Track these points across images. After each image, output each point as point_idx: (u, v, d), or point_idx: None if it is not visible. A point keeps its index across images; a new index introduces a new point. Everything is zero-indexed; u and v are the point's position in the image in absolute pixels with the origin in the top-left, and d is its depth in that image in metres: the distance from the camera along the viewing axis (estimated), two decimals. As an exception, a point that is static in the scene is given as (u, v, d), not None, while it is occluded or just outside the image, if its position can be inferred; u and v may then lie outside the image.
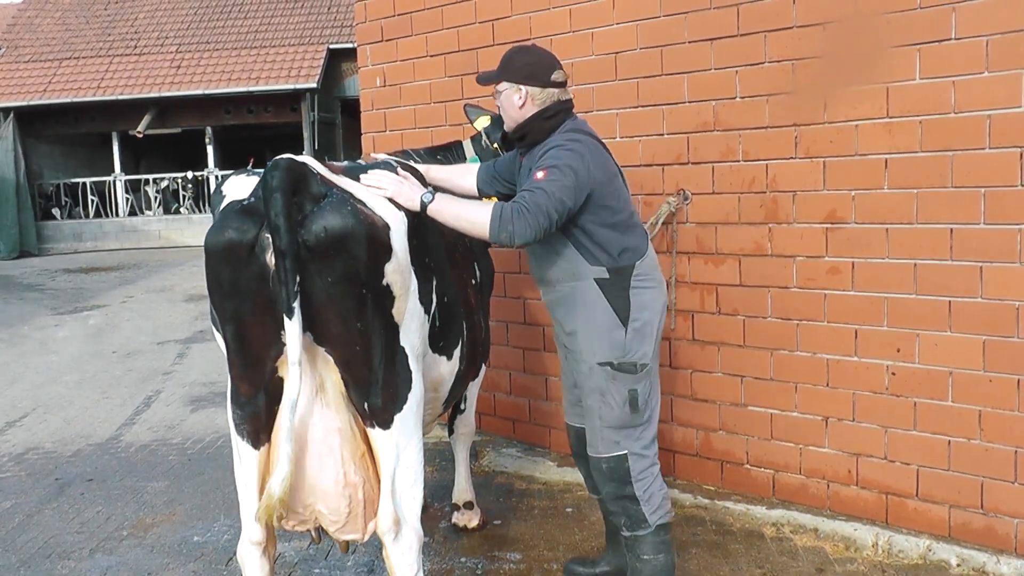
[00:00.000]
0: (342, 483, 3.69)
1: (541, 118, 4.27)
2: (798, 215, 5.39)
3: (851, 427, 5.34)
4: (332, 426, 3.67)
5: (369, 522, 3.81)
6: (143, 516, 6.22)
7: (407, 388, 3.77)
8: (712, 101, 5.65)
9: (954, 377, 4.94)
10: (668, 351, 6.03)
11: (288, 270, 3.33)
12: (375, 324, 3.60)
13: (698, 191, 5.78)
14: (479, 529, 5.69)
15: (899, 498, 5.21)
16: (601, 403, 4.28)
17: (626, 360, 4.23)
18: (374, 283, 3.58)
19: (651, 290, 4.30)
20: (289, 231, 3.33)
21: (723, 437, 5.90)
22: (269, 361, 3.58)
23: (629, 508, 4.35)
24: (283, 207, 3.34)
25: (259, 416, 3.67)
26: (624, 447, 4.30)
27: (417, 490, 3.82)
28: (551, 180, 3.97)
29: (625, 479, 4.31)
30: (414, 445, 3.80)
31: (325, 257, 3.44)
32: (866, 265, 5.17)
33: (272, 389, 3.62)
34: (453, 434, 5.74)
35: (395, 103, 7.47)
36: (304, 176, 3.52)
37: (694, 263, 5.86)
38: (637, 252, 4.27)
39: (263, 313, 3.49)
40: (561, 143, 4.14)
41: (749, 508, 5.66)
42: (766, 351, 5.63)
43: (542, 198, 3.93)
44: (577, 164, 4.04)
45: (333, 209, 3.47)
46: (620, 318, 4.21)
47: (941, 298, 4.94)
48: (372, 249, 3.54)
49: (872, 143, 5.08)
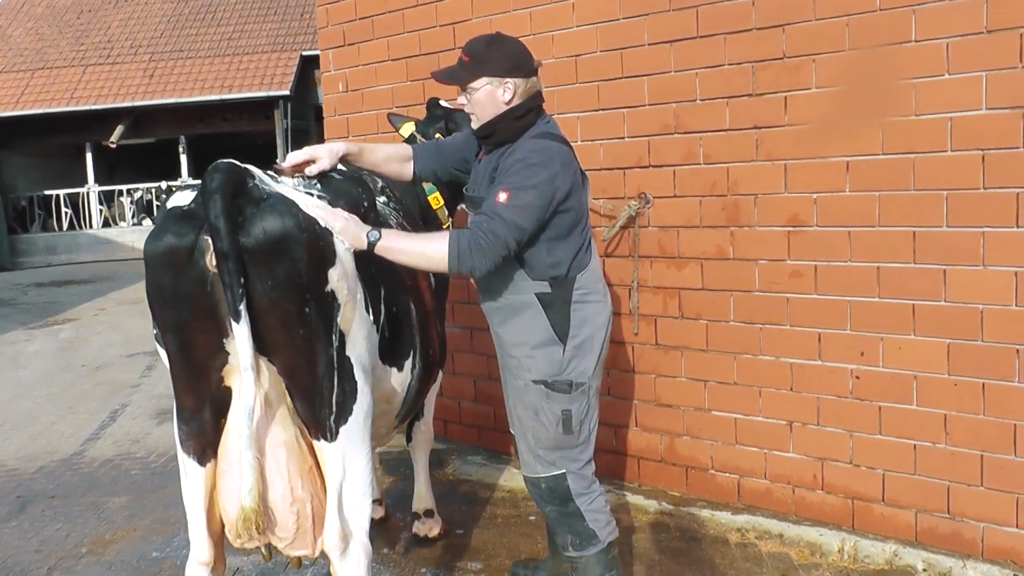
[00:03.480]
0: (289, 499, 3.59)
1: (511, 117, 4.02)
2: (760, 218, 5.34)
3: (816, 431, 5.28)
4: (278, 440, 3.57)
5: (319, 537, 3.71)
6: (103, 532, 6.11)
7: (353, 399, 3.66)
8: (673, 104, 5.59)
9: (919, 381, 4.89)
10: (631, 356, 5.98)
11: (231, 272, 3.23)
12: (319, 333, 3.50)
13: (659, 194, 5.71)
14: (440, 538, 5.60)
15: (865, 503, 5.16)
16: (535, 422, 4.12)
17: (561, 379, 4.05)
18: (317, 289, 3.48)
19: (593, 304, 4.11)
20: (230, 232, 3.24)
21: (687, 442, 5.84)
22: (214, 371, 3.48)
23: (576, 526, 4.21)
24: (223, 208, 3.24)
25: (205, 431, 3.57)
26: (562, 467, 4.16)
27: (365, 504, 3.71)
28: (512, 205, 3.77)
29: (566, 497, 4.18)
30: (362, 458, 3.69)
31: (265, 261, 3.34)
32: (829, 268, 5.12)
33: (218, 402, 3.52)
34: (411, 441, 5.64)
35: (357, 108, 7.40)
36: (244, 179, 3.43)
37: (656, 267, 5.80)
38: (581, 264, 4.08)
39: (205, 320, 3.39)
40: (531, 157, 3.88)
41: (714, 514, 5.59)
42: (729, 355, 5.57)
43: (500, 228, 3.75)
44: (544, 184, 3.83)
45: (273, 211, 3.37)
46: (558, 334, 4.03)
47: (905, 301, 4.88)
48: (314, 253, 3.44)
49: (834, 146, 5.02)
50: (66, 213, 29.08)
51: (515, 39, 4.14)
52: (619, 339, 6.02)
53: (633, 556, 5.25)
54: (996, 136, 4.54)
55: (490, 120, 4.05)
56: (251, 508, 3.40)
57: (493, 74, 4.00)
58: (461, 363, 6.90)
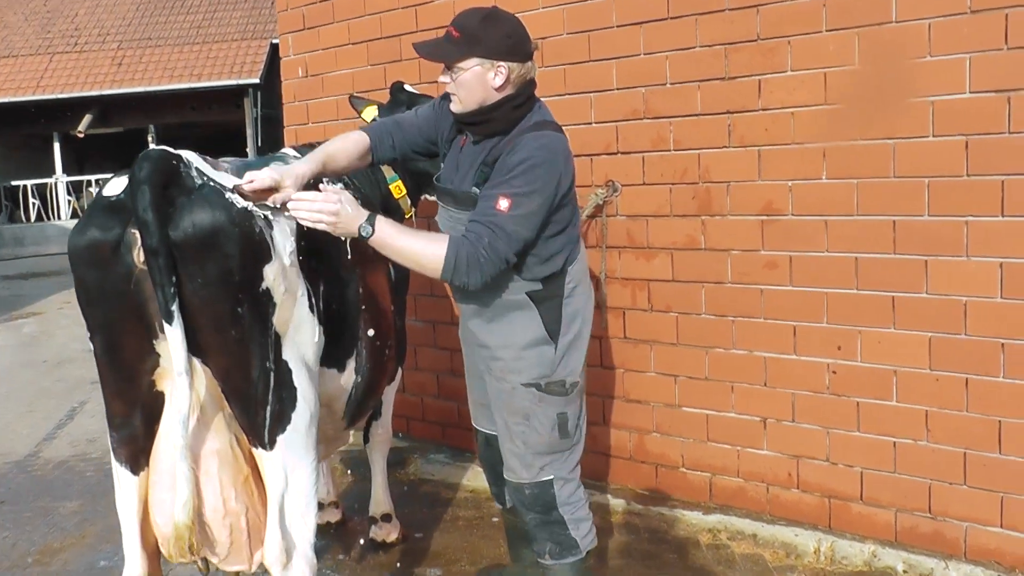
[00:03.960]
0: (222, 511, 3.38)
1: (510, 106, 3.64)
2: (732, 207, 5.12)
3: (791, 428, 5.08)
4: (210, 448, 3.36)
5: (256, 551, 3.52)
6: (51, 540, 5.85)
7: (292, 406, 3.44)
8: (642, 88, 5.37)
9: (899, 376, 4.69)
10: (599, 350, 5.75)
11: (162, 269, 3.02)
12: (253, 334, 3.28)
13: (628, 182, 5.49)
14: (399, 543, 5.38)
15: (842, 501, 4.96)
16: (525, 427, 3.79)
17: (555, 379, 3.75)
18: (251, 287, 3.25)
19: (581, 296, 3.85)
20: (159, 227, 3.02)
21: (657, 439, 5.62)
22: (144, 375, 3.27)
23: (557, 534, 3.92)
24: (151, 201, 3.02)
25: (136, 438, 3.37)
26: (550, 472, 3.86)
27: (310, 516, 3.51)
28: (515, 216, 3.45)
29: (551, 505, 3.88)
30: (305, 468, 3.48)
31: (194, 257, 3.11)
32: (805, 259, 4.91)
33: (149, 407, 3.32)
34: (368, 443, 5.39)
35: (317, 94, 7.15)
36: (176, 168, 3.19)
37: (625, 258, 5.58)
38: (571, 257, 3.78)
39: (134, 320, 3.18)
40: (535, 156, 3.51)
41: (685, 514, 5.38)
42: (701, 349, 5.35)
43: (502, 244, 3.44)
44: (549, 187, 3.51)
45: (203, 202, 3.14)
46: (550, 332, 3.73)
47: (884, 293, 4.68)
48: (248, 249, 3.21)
49: (809, 131, 4.81)
50: (34, 204, 28.77)
51: (513, 17, 3.73)
52: (587, 333, 5.80)
53: (601, 560, 5.03)
54: (980, 121, 4.34)
55: (484, 107, 3.64)
56: (184, 524, 3.22)
57: (486, 55, 3.57)
58: (424, 358, 6.67)
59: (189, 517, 3.21)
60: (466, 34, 3.58)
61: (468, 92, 3.63)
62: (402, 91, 5.31)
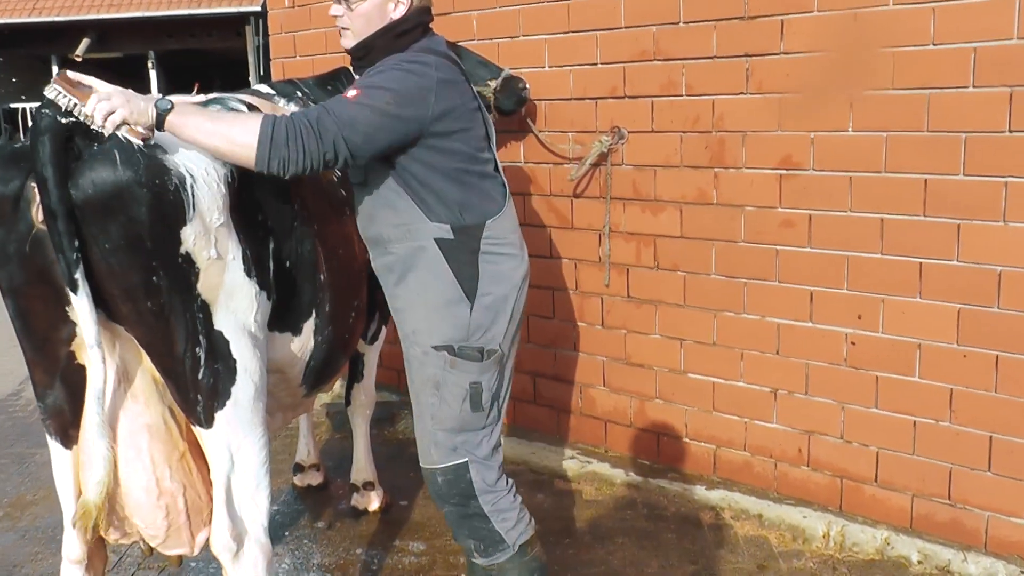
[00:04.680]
0: (155, 492, 3.08)
1: (393, 34, 3.26)
2: (748, 159, 4.71)
3: (803, 401, 4.72)
4: (140, 423, 3.05)
5: (197, 534, 3.22)
6: (24, 492, 5.56)
7: (230, 379, 3.08)
8: (652, 26, 4.93)
9: (922, 350, 4.31)
10: (600, 309, 5.39)
11: (63, 233, 2.67)
12: (174, 303, 2.91)
13: (635, 129, 5.08)
14: (381, 512, 5.06)
15: (855, 483, 4.61)
16: (436, 399, 3.36)
17: (469, 344, 3.32)
18: (167, 253, 2.87)
19: (508, 258, 3.39)
20: (58, 185, 2.66)
21: (660, 406, 5.26)
22: (61, 345, 2.95)
23: (479, 529, 3.47)
24: (51, 154, 2.66)
25: (63, 410, 3.06)
26: (463, 454, 3.41)
27: (261, 498, 3.18)
28: (358, 103, 3.04)
29: (468, 492, 3.43)
30: (252, 444, 3.14)
31: (96, 219, 2.74)
32: (825, 218, 4.51)
33: (71, 378, 3.00)
34: (350, 405, 5.04)
35: (305, 26, 6.71)
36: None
37: (630, 211, 5.18)
38: (487, 211, 3.34)
39: (41, 285, 2.85)
40: (401, 65, 3.17)
41: (687, 488, 5.03)
42: (709, 312, 4.98)
43: (331, 123, 3.00)
44: (408, 89, 3.11)
45: (104, 157, 2.74)
46: (465, 290, 3.29)
47: (911, 259, 4.29)
48: (159, 210, 2.81)
49: (835, 78, 4.39)
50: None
51: None
52: (588, 290, 5.46)
53: (595, 536, 4.70)
54: (1027, 71, 3.92)
55: (367, 37, 3.29)
56: (93, 503, 2.93)
57: None
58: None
59: (100, 497, 2.93)
60: None
61: (364, 24, 3.27)
62: None
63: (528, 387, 5.87)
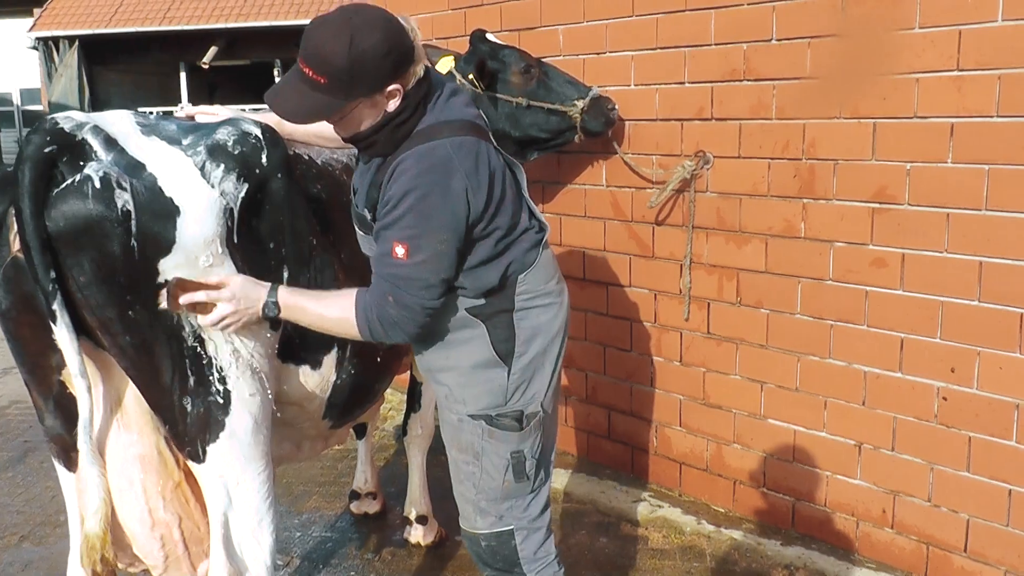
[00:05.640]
0: (148, 522, 2.95)
1: (393, 125, 2.85)
2: (839, 190, 4.34)
3: (890, 458, 4.31)
4: (132, 453, 2.90)
5: (199, 564, 3.07)
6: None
7: (224, 410, 2.88)
8: (743, 44, 4.58)
9: (1020, 411, 3.88)
10: (679, 344, 5.05)
11: (38, 264, 2.57)
12: (157, 335, 2.74)
13: (721, 154, 4.73)
14: (434, 546, 4.80)
15: (942, 551, 4.19)
16: (476, 468, 3.10)
17: (508, 411, 3.02)
18: (145, 287, 2.71)
19: (544, 309, 3.06)
20: (34, 215, 2.56)
21: (737, 452, 4.90)
22: (52, 372, 2.82)
23: None
24: (29, 183, 2.55)
25: (61, 434, 2.93)
26: (510, 521, 3.14)
27: (263, 534, 2.99)
28: (417, 263, 2.79)
29: (512, 560, 3.17)
30: (252, 479, 2.95)
31: (70, 252, 2.62)
32: (920, 258, 4.11)
33: (64, 405, 2.86)
34: (407, 435, 4.80)
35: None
36: (73, 143, 2.68)
37: (713, 241, 4.83)
38: (521, 266, 3.00)
39: (27, 312, 2.74)
40: (419, 185, 2.77)
41: (761, 542, 4.66)
42: (792, 355, 4.60)
43: (410, 297, 2.82)
44: (447, 218, 2.79)
45: (77, 190, 2.60)
46: (500, 353, 2.99)
47: (1012, 309, 3.86)
48: (130, 244, 2.65)
49: (936, 102, 3.99)
50: (160, 130, 29.07)
51: (379, 18, 2.72)
52: (667, 323, 5.13)
53: (653, 590, 4.36)
54: None
55: (367, 132, 2.90)
56: (95, 534, 2.78)
57: (371, 92, 2.77)
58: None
59: (99, 527, 2.78)
60: (334, 79, 2.73)
61: (360, 124, 2.90)
62: (483, 40, 4.82)
63: (603, 421, 5.55)
